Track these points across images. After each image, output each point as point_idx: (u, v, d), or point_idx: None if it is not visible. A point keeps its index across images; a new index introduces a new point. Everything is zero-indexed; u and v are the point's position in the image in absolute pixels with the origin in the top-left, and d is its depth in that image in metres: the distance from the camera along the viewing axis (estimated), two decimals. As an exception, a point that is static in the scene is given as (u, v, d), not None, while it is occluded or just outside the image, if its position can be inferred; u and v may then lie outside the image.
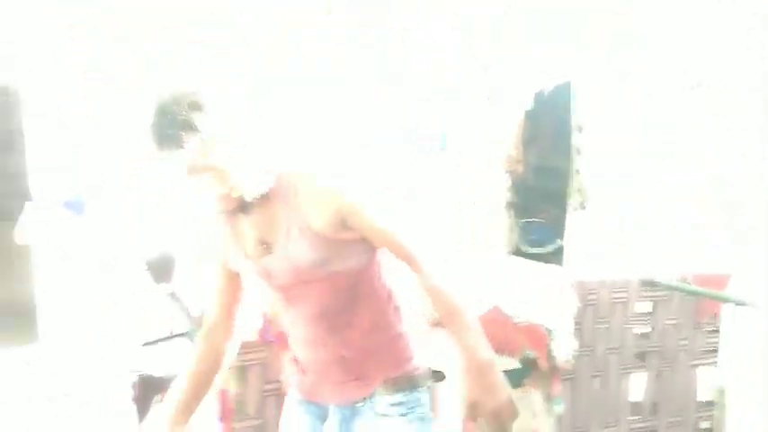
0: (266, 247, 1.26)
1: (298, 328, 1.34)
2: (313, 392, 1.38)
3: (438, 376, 1.66)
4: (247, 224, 1.27)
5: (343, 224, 1.22)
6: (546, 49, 3.89)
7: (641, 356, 2.24)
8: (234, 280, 1.40)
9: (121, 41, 4.00)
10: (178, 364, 2.46)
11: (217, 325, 1.45)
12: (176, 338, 2.51)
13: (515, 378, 1.83)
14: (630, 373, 2.23)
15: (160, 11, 3.75)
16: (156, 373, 2.38)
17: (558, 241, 3.76)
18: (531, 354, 1.82)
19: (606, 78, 3.58)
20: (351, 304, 1.30)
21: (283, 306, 1.34)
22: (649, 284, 2.21)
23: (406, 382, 1.33)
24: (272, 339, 1.86)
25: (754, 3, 2.66)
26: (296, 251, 1.23)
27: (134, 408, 2.32)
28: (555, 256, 3.68)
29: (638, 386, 2.27)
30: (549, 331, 1.86)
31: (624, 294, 2.19)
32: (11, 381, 3.82)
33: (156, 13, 3.72)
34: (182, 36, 3.81)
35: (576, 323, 2.03)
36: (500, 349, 1.84)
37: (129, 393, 2.27)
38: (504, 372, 1.81)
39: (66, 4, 3.91)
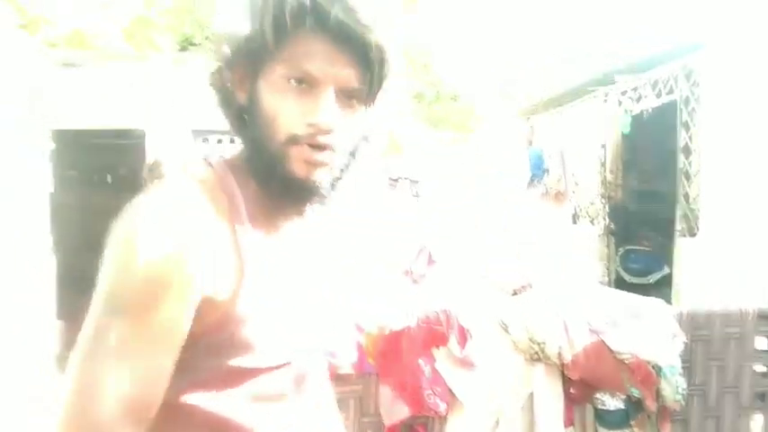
0: None
1: None
2: None
3: None
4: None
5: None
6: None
7: (761, 396, 2.08)
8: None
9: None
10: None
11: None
12: None
13: (621, 419, 1.75)
14: (748, 414, 2.07)
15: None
16: None
17: (665, 270, 3.56)
18: (637, 392, 1.73)
19: (723, 99, 3.40)
20: None
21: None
22: (768, 317, 2.05)
23: None
24: (369, 371, 1.82)
25: None
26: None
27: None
28: (659, 287, 3.50)
29: (756, 429, 2.11)
30: (658, 369, 1.76)
31: (738, 329, 2.04)
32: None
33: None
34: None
35: (685, 360, 1.92)
36: (603, 386, 1.77)
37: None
38: (609, 412, 1.74)
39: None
